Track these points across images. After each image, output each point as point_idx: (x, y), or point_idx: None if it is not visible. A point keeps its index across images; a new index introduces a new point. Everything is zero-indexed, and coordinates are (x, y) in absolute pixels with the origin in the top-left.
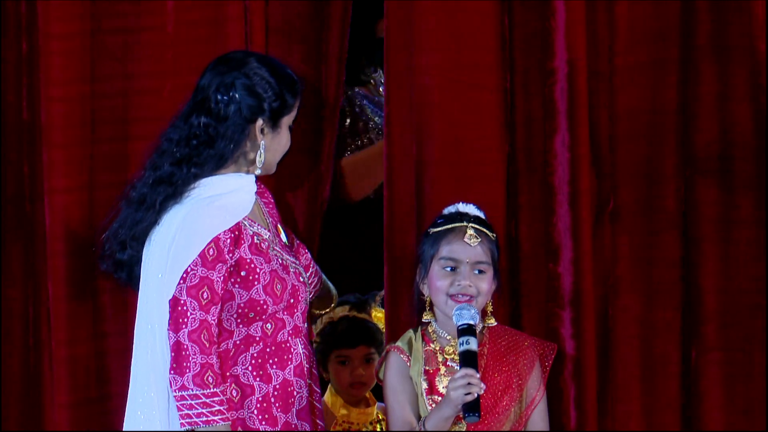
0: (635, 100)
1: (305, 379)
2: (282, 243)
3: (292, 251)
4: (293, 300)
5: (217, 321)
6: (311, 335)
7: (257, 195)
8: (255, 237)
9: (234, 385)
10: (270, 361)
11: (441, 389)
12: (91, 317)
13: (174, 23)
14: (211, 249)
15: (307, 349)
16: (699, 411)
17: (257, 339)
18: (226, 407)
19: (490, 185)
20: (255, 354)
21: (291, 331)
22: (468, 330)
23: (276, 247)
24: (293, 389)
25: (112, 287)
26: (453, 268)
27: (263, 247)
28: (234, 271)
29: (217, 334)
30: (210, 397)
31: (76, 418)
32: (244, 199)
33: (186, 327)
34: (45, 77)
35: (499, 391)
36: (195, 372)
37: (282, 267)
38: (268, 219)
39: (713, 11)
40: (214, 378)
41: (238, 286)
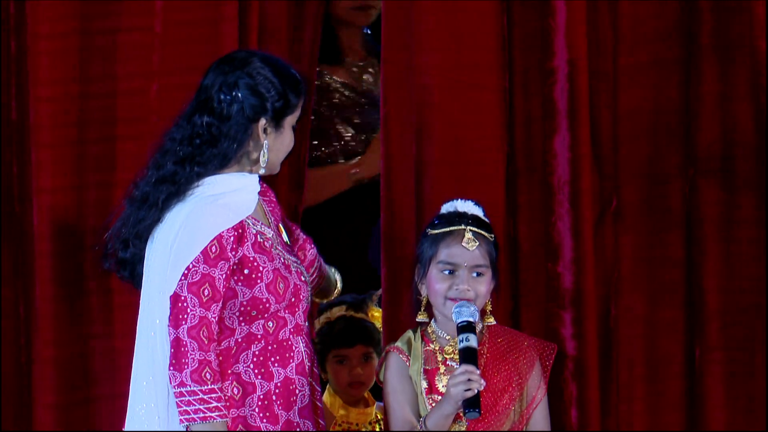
0: (637, 99)
1: (307, 378)
2: (283, 242)
3: (293, 251)
4: (295, 299)
5: (219, 318)
6: (312, 334)
7: (259, 194)
8: (258, 236)
9: (235, 383)
10: (271, 359)
11: (440, 388)
12: (78, 318)
13: (162, 24)
14: (214, 246)
15: (309, 348)
16: (702, 410)
17: (259, 337)
18: (223, 404)
19: (489, 185)
20: (256, 352)
21: (292, 330)
22: (468, 327)
23: (278, 247)
24: (295, 387)
25: (99, 288)
26: (451, 271)
27: (266, 246)
28: (237, 269)
29: (219, 331)
30: (207, 394)
31: (61, 419)
32: (247, 198)
33: (185, 323)
34: (33, 77)
35: (499, 390)
36: (193, 368)
37: (284, 266)
38: (270, 218)
39: (715, 11)
40: (212, 375)
41: (241, 284)
